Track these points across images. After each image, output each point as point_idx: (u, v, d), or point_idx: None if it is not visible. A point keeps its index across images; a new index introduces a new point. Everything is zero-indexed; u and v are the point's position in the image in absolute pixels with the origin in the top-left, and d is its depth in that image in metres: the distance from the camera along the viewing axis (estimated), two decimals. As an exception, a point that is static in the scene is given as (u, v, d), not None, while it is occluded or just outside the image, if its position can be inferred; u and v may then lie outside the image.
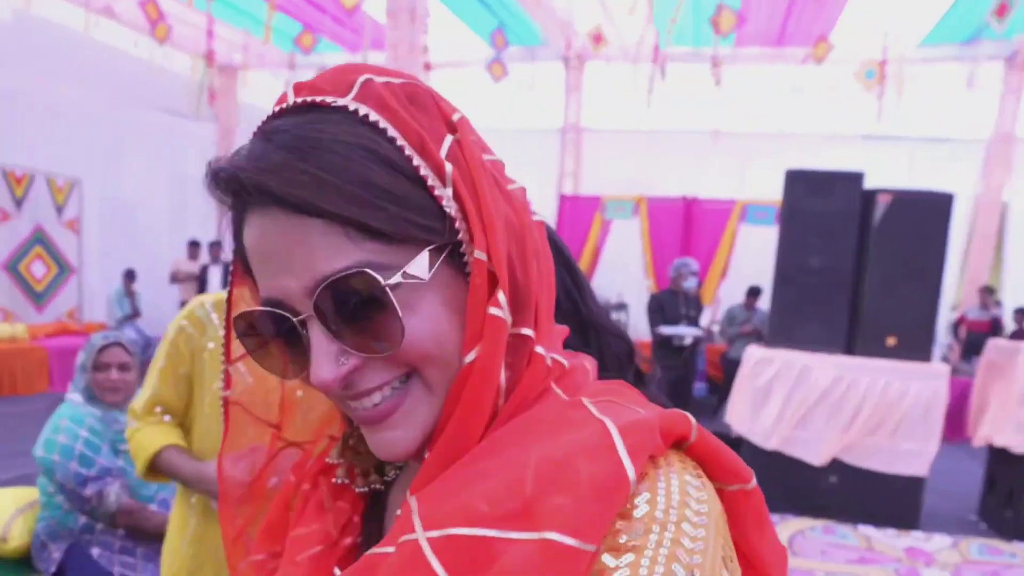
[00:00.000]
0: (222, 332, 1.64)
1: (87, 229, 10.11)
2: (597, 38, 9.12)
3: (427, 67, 8.66)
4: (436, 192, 0.50)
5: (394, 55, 6.54)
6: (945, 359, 8.30)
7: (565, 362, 0.55)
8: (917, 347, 4.77)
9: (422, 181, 0.50)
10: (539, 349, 0.53)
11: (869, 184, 4.81)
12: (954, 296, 10.61)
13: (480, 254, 0.50)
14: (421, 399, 0.52)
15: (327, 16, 8.86)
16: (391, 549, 0.46)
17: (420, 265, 0.49)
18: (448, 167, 0.50)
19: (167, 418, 1.71)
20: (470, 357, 0.50)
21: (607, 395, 0.52)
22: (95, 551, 2.83)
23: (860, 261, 4.81)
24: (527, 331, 0.52)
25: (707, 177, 10.31)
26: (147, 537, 2.81)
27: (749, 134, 10.39)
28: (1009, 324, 9.31)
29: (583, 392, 0.53)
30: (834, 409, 4.72)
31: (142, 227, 11.07)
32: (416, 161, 0.50)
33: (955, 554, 4.36)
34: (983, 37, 8.85)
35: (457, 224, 0.50)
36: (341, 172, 0.47)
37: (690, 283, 6.89)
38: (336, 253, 0.48)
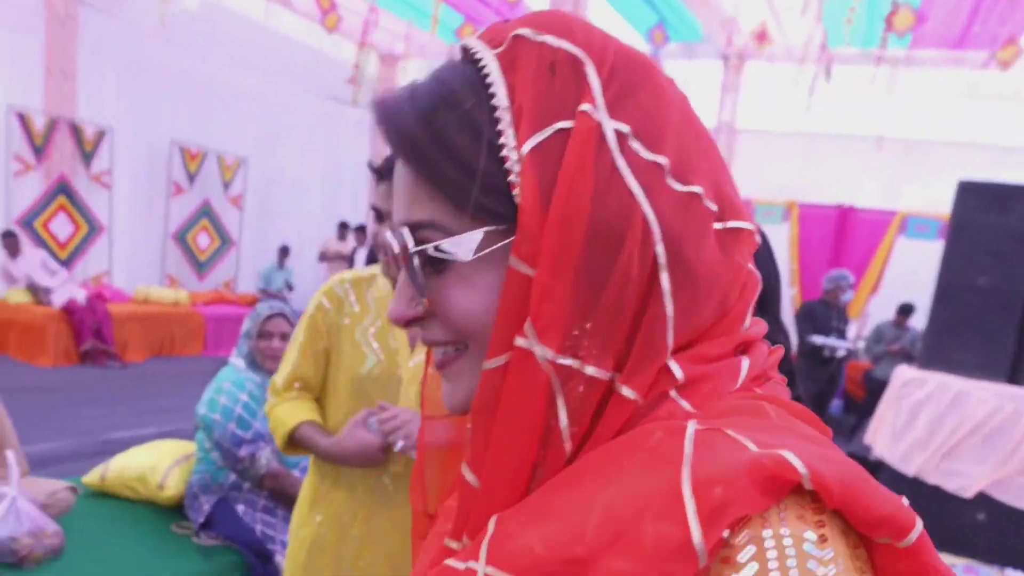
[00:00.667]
0: (357, 309, 1.68)
1: (248, 205, 10.77)
2: (761, 36, 8.81)
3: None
4: (512, 177, 0.46)
5: (549, 48, 6.58)
6: None
7: (679, 374, 0.46)
8: (1094, 382, 4.34)
9: (501, 162, 0.46)
10: (624, 390, 0.45)
11: (1051, 201, 4.41)
12: None
13: (518, 263, 0.45)
14: (468, 366, 0.52)
15: (490, 8, 9.01)
16: (462, 567, 0.45)
17: (466, 243, 0.47)
18: (522, 152, 0.45)
19: (305, 394, 1.75)
20: (489, 364, 0.46)
21: (733, 416, 0.44)
22: (240, 508, 2.99)
23: (1034, 283, 4.42)
24: (593, 371, 0.45)
25: (866, 185, 9.76)
26: (288, 501, 2.94)
27: (916, 141, 9.73)
28: None
29: (713, 406, 0.46)
30: (989, 440, 4.37)
31: (297, 206, 11.71)
32: (505, 138, 0.46)
33: (1122, 613, 3.96)
34: None
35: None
36: (434, 132, 0.47)
37: (848, 296, 6.62)
38: (417, 203, 0.49)
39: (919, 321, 6.59)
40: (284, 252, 10.49)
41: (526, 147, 0.45)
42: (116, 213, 8.87)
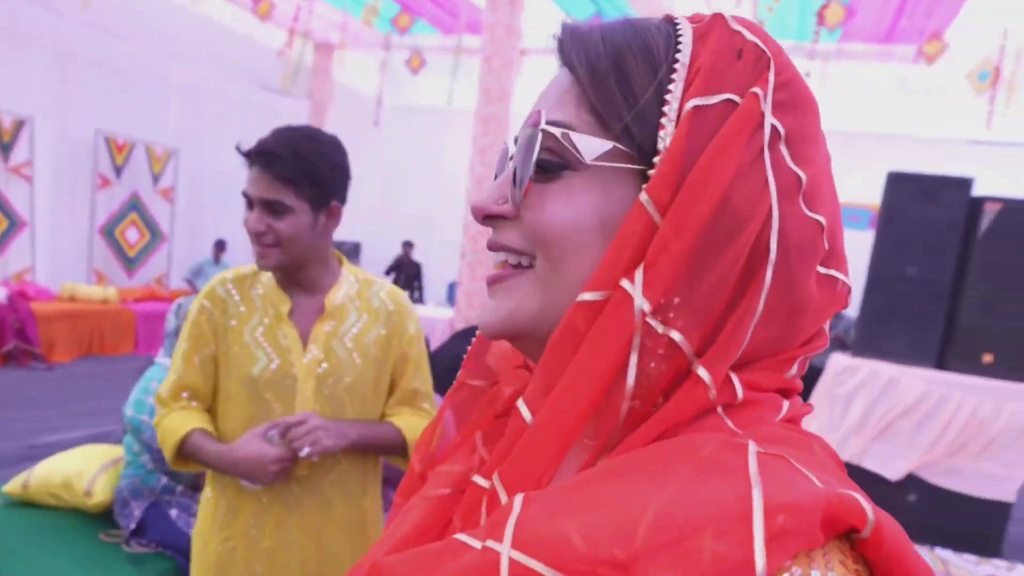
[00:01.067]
0: (243, 309, 1.59)
1: (180, 198, 10.45)
2: (695, 28, 8.92)
3: (522, 52, 8.63)
4: (664, 120, 0.47)
5: (490, 37, 6.53)
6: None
7: (739, 392, 0.46)
8: (1016, 366, 4.52)
9: (662, 103, 0.47)
10: (702, 372, 0.44)
11: (976, 192, 4.57)
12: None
13: (648, 201, 0.45)
14: (524, 285, 0.51)
15: (426, -1, 8.91)
16: (478, 545, 0.41)
17: (593, 146, 0.48)
18: (686, 106, 0.46)
19: (194, 404, 1.63)
20: (584, 296, 0.45)
21: (785, 445, 0.43)
22: (173, 512, 2.90)
23: (961, 272, 4.57)
24: (678, 337, 0.44)
25: (799, 176, 9.99)
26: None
27: (848, 133, 10.00)
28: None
29: (758, 431, 0.45)
30: (919, 424, 4.52)
31: (231, 199, 11.40)
32: (674, 87, 0.47)
33: (1042, 587, 4.13)
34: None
35: (657, 159, 0.46)
36: (614, 50, 0.49)
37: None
38: (561, 106, 0.50)
39: (852, 309, 6.78)
40: (220, 246, 10.21)
41: (692, 103, 0.46)
42: (38, 207, 8.51)
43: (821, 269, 0.49)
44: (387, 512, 3.21)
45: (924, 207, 4.55)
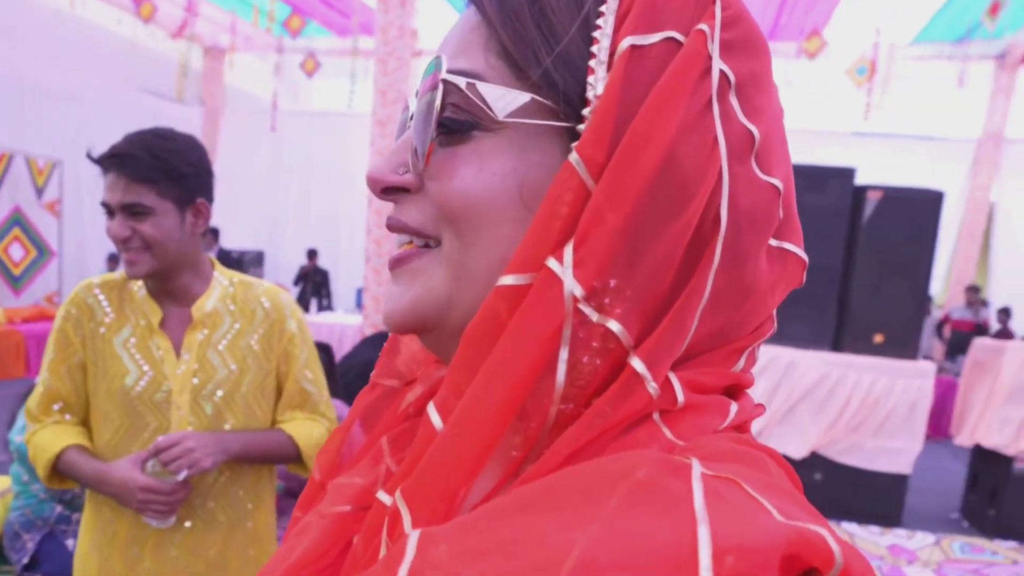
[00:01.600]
0: (112, 317, 1.51)
1: (68, 212, 9.92)
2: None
3: (417, 54, 8.57)
4: (593, 63, 0.39)
5: (384, 39, 6.45)
6: (927, 357, 8.35)
7: (680, 396, 0.39)
8: (904, 345, 4.77)
9: (590, 43, 0.40)
10: (637, 364, 0.37)
11: (858, 181, 4.80)
12: (939, 295, 10.69)
13: (579, 162, 0.37)
14: (429, 268, 0.44)
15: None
16: None
17: (506, 97, 0.40)
18: (621, 46, 0.38)
19: (68, 417, 1.56)
20: (505, 280, 0.38)
21: (736, 463, 0.35)
22: (70, 542, 2.78)
23: (849, 258, 4.80)
24: (616, 327, 0.37)
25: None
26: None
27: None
28: (994, 324, 9.39)
29: (703, 444, 0.37)
30: (819, 405, 4.72)
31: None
32: (604, 22, 0.40)
33: (938, 552, 4.38)
34: (974, 36, 8.87)
35: (586, 111, 0.39)
36: None
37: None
38: (467, 52, 0.43)
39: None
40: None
41: (627, 41, 0.38)
42: (-96, 227, 7.92)
43: (773, 242, 0.43)
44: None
45: (812, 196, 4.75)
